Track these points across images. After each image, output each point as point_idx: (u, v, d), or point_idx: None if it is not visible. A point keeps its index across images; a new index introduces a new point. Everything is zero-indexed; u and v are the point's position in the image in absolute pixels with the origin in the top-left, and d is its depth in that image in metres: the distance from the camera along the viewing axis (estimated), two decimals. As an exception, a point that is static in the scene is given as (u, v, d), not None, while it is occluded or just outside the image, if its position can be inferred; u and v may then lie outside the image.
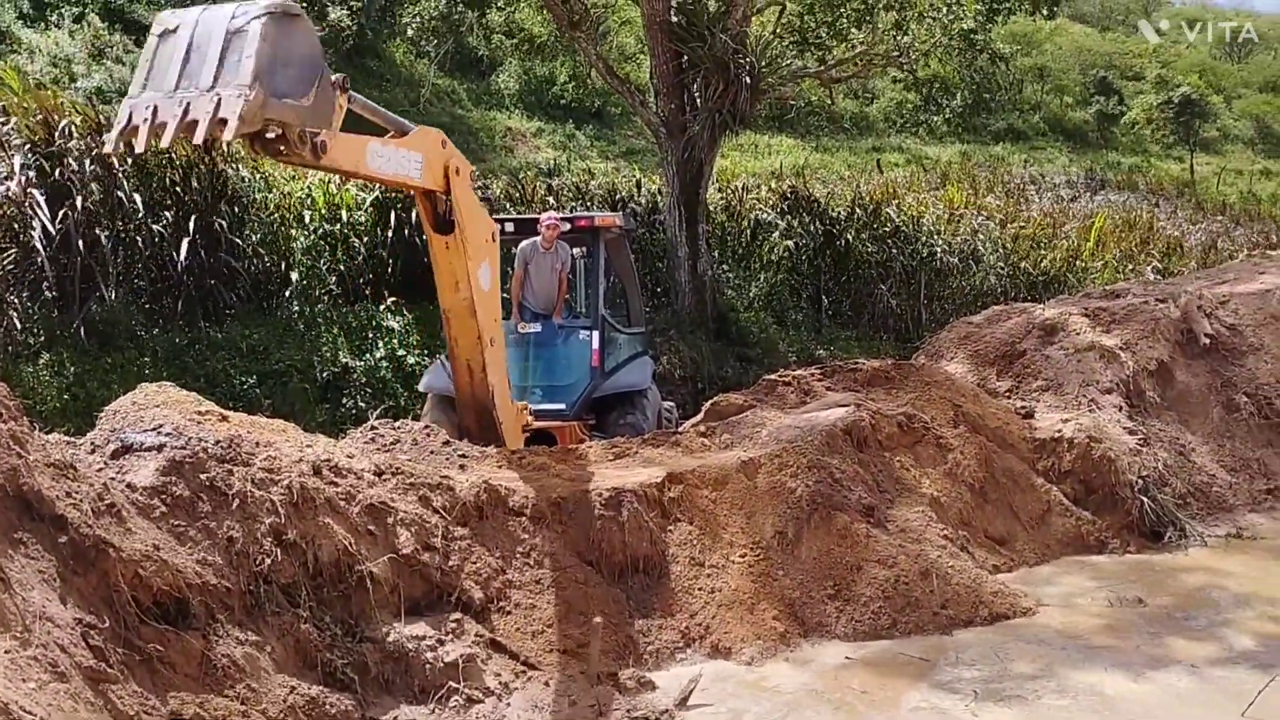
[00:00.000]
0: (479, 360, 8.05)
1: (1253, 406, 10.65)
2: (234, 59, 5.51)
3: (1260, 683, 6.30)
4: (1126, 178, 38.51)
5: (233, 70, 5.49)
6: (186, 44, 5.57)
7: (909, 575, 7.54)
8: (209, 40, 5.55)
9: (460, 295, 7.60)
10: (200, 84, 5.53)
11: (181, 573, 5.40)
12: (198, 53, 5.56)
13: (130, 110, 5.62)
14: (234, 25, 5.54)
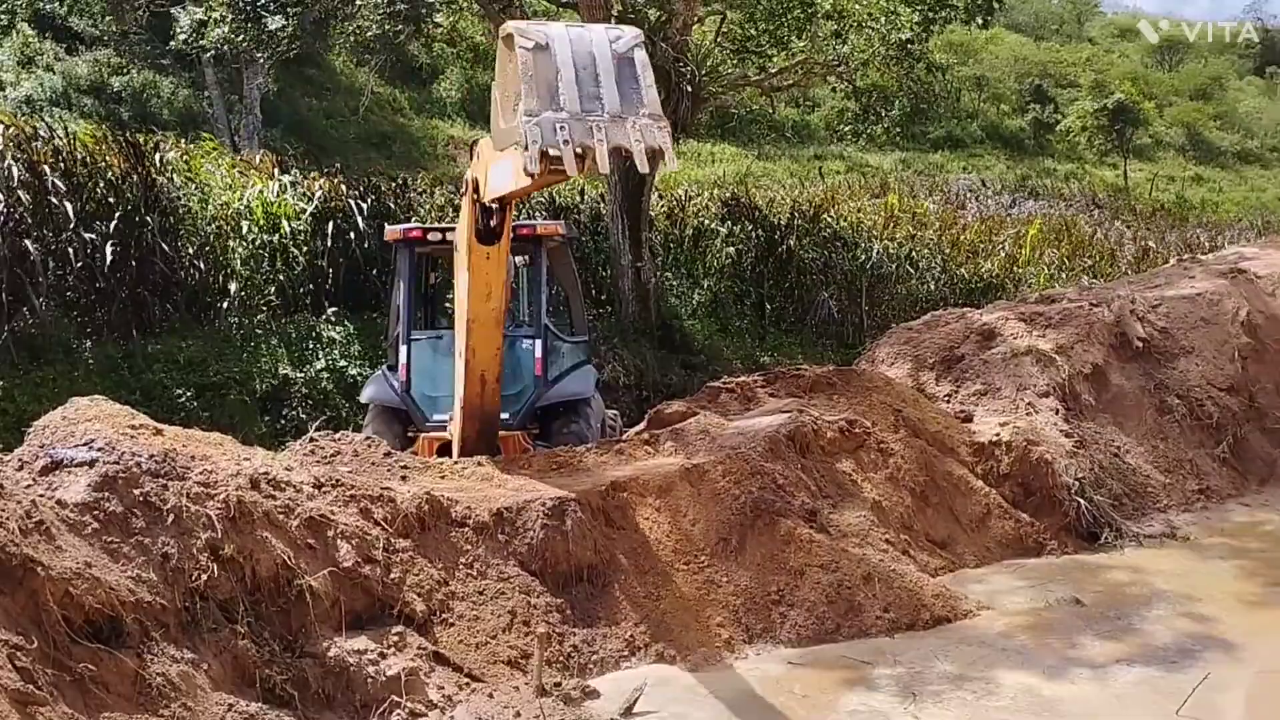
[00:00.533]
0: (495, 371, 8.02)
1: (1184, 408, 10.87)
2: (630, 86, 5.54)
3: (1194, 681, 6.43)
4: (1062, 184, 39.21)
5: (635, 98, 5.54)
6: (572, 64, 5.51)
7: (852, 579, 7.59)
8: (596, 63, 5.53)
9: (491, 305, 7.53)
10: (607, 108, 5.50)
11: (114, 590, 5.29)
12: (588, 74, 5.52)
13: (539, 130, 5.45)
14: (619, 50, 5.57)
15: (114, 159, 13.57)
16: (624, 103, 5.51)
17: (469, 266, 7.25)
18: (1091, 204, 32.04)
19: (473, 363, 7.84)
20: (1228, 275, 12.58)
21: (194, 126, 25.31)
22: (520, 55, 5.48)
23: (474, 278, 7.25)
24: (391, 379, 10.11)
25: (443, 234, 10.39)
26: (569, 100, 5.45)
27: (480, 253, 7.06)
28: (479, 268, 7.20)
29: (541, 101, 5.43)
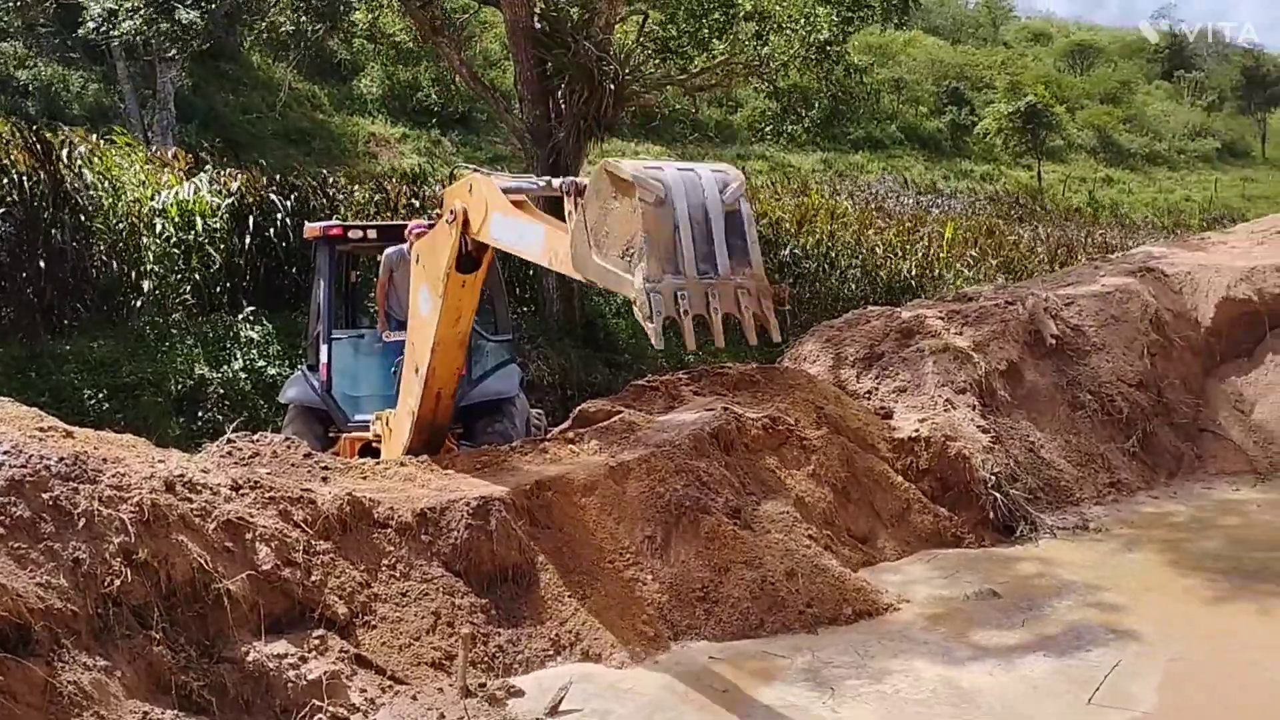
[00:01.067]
0: (451, 389, 8.04)
1: (1096, 404, 11.16)
2: (737, 242, 5.57)
3: (1106, 669, 6.60)
4: (979, 185, 39.98)
5: (743, 257, 5.61)
6: (688, 220, 5.49)
7: (775, 575, 7.66)
8: (709, 217, 5.52)
9: (459, 329, 7.49)
10: (720, 269, 5.51)
11: (22, 597, 5.14)
12: (701, 231, 5.52)
13: (663, 299, 5.40)
14: (728, 200, 5.58)
15: (19, 155, 13.17)
16: (734, 261, 5.56)
17: (443, 293, 7.18)
18: (1009, 205, 32.72)
19: (432, 381, 7.80)
20: (1137, 274, 12.92)
21: (105, 122, 24.64)
22: (641, 209, 5.41)
23: (447, 303, 7.20)
24: (312, 379, 9.97)
25: (364, 232, 10.28)
26: (688, 263, 5.47)
27: (457, 280, 7.02)
28: (453, 294, 7.15)
29: (662, 264, 5.43)
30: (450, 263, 6.96)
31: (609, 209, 5.60)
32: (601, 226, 5.66)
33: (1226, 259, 13.45)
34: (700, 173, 5.65)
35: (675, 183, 5.48)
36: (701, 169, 5.70)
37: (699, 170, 5.67)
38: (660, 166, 5.65)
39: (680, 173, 5.58)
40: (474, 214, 6.78)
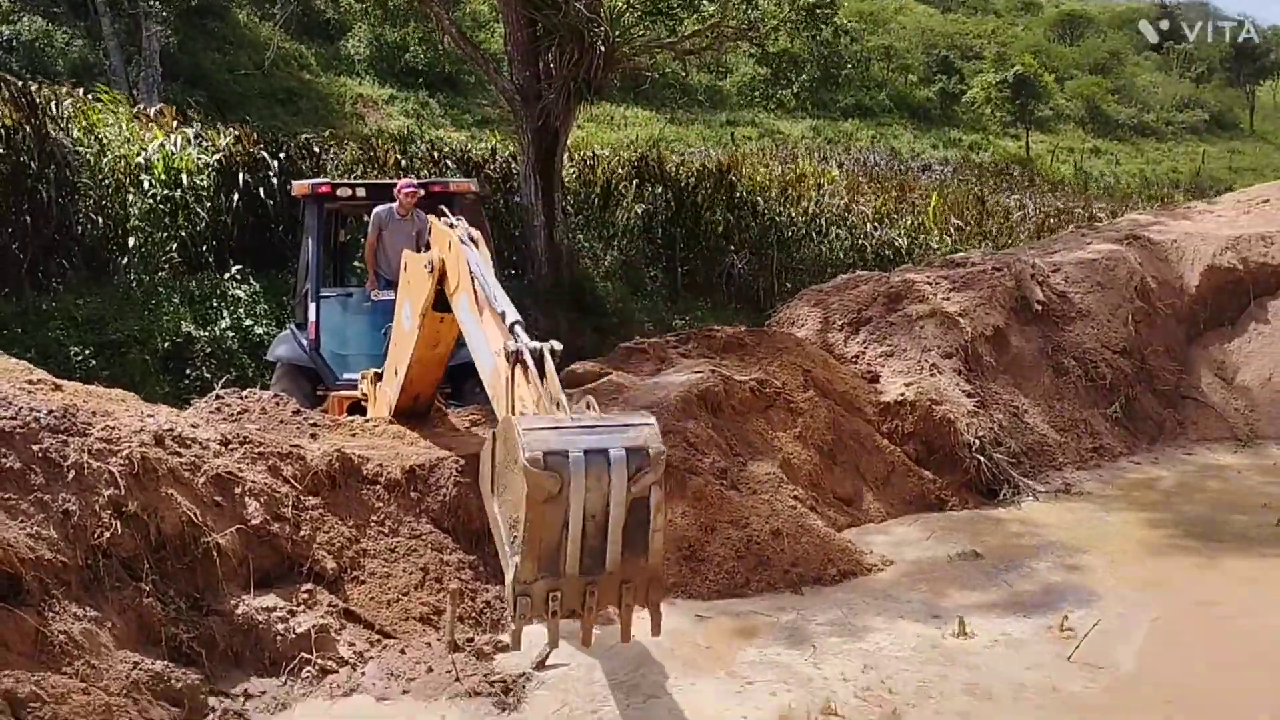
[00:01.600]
0: (429, 393, 8.02)
1: (1080, 370, 11.24)
2: (637, 532, 4.73)
3: (1086, 628, 6.69)
4: (967, 154, 39.97)
5: (638, 546, 4.75)
6: (583, 518, 4.64)
7: (761, 535, 7.73)
8: (608, 509, 4.66)
9: (437, 351, 7.42)
10: (608, 563, 4.72)
11: (13, 548, 5.17)
12: (596, 525, 4.68)
13: (530, 602, 4.73)
14: (637, 490, 4.66)
15: (5, 110, 13.04)
16: (626, 554, 4.75)
17: (421, 326, 7.15)
18: (996, 174, 32.74)
19: (409, 388, 7.79)
20: (1124, 241, 12.99)
21: (90, 79, 24.38)
22: (529, 501, 4.63)
23: (424, 334, 7.18)
24: (300, 337, 9.97)
25: (352, 190, 10.24)
26: (570, 562, 4.72)
27: (435, 317, 7.00)
28: (431, 327, 7.13)
29: (539, 565, 4.73)
30: (427, 305, 6.95)
31: (508, 467, 4.84)
32: (502, 475, 4.93)
33: (1213, 227, 13.53)
34: (613, 451, 4.65)
35: (577, 472, 4.58)
36: (615, 441, 4.69)
37: (612, 446, 4.67)
38: (570, 429, 4.70)
39: (588, 454, 4.61)
40: (449, 276, 6.70)
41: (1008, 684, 6.05)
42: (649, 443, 4.76)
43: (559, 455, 4.60)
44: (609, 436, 4.71)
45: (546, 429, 4.68)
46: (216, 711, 5.58)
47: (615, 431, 4.75)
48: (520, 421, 4.74)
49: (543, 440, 4.61)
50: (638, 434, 4.76)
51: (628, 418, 4.96)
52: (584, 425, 4.73)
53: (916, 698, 5.90)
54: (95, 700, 5.06)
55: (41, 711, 4.83)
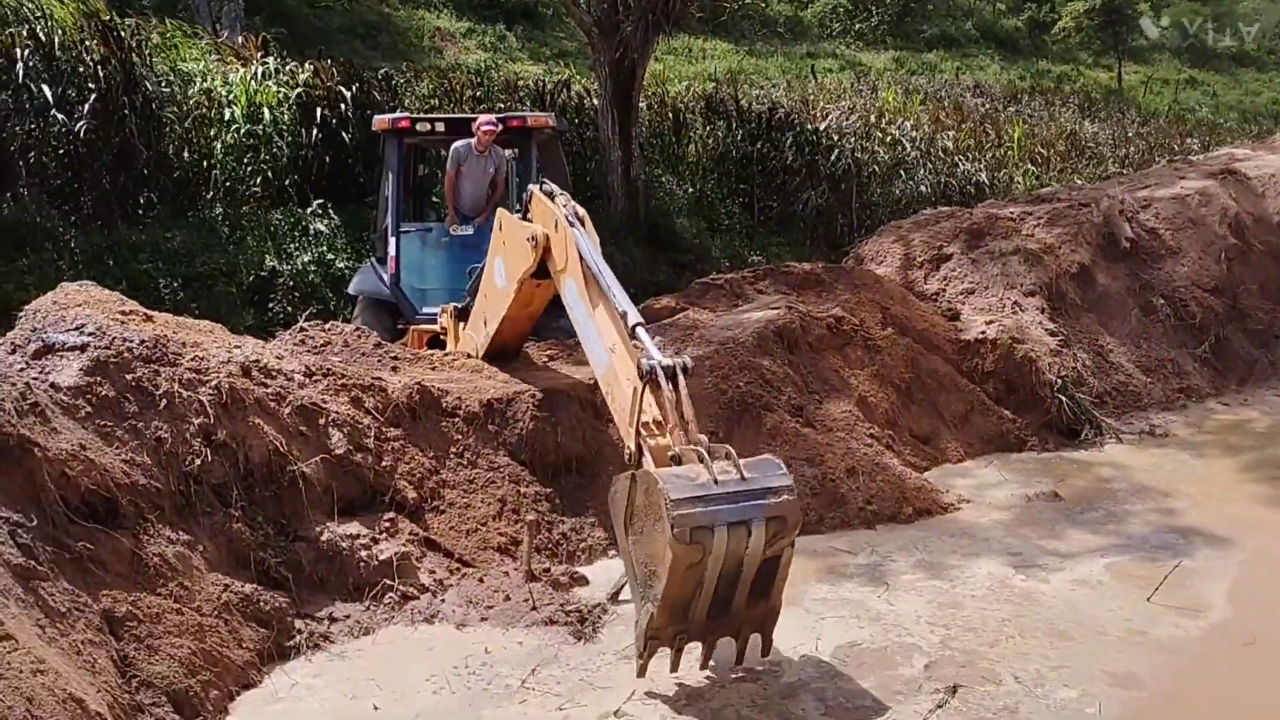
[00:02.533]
0: (518, 344, 8.16)
1: (1169, 309, 10.96)
2: (763, 583, 5.04)
3: (1165, 570, 6.59)
4: (1056, 86, 38.78)
5: (761, 594, 5.07)
6: (717, 578, 4.92)
7: (836, 473, 7.72)
8: (741, 570, 4.94)
9: (530, 310, 7.52)
10: (732, 609, 5.06)
11: (109, 472, 5.36)
12: (728, 582, 4.96)
13: (658, 645, 5.05)
14: (771, 551, 4.93)
15: (93, 43, 13.27)
16: (750, 601, 5.07)
17: (517, 291, 7.21)
18: (1086, 106, 31.74)
19: (498, 339, 7.89)
20: (1218, 176, 12.56)
21: (173, 13, 24.69)
22: (670, 561, 4.81)
23: (520, 296, 7.23)
24: (380, 271, 10.09)
25: (431, 124, 10.27)
26: (700, 612, 5.01)
27: (532, 283, 7.04)
28: (527, 292, 7.17)
29: (673, 616, 4.98)
30: (527, 274, 6.96)
31: (648, 520, 4.99)
32: (641, 521, 5.06)
33: (1314, 162, 13.02)
34: (754, 524, 4.85)
35: (719, 544, 4.80)
36: (758, 512, 4.87)
37: (755, 518, 4.86)
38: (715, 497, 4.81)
39: (731, 528, 4.81)
40: (556, 256, 6.68)
41: (1090, 626, 5.98)
42: (788, 513, 4.98)
43: (705, 529, 4.81)
44: (752, 506, 4.91)
45: (692, 498, 4.82)
46: (303, 634, 5.78)
47: (757, 499, 4.92)
48: (666, 485, 4.84)
49: (690, 517, 4.78)
50: (779, 503, 4.96)
51: (767, 477, 5.02)
52: (728, 492, 4.88)
53: (995, 636, 5.88)
54: (188, 620, 5.26)
55: (138, 630, 5.04)
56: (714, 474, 4.91)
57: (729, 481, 4.91)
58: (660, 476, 4.92)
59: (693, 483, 4.89)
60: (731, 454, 5.05)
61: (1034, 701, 5.22)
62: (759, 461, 5.13)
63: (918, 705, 5.20)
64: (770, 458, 5.25)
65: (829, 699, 5.28)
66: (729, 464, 4.99)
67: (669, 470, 5.02)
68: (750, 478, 4.96)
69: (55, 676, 4.17)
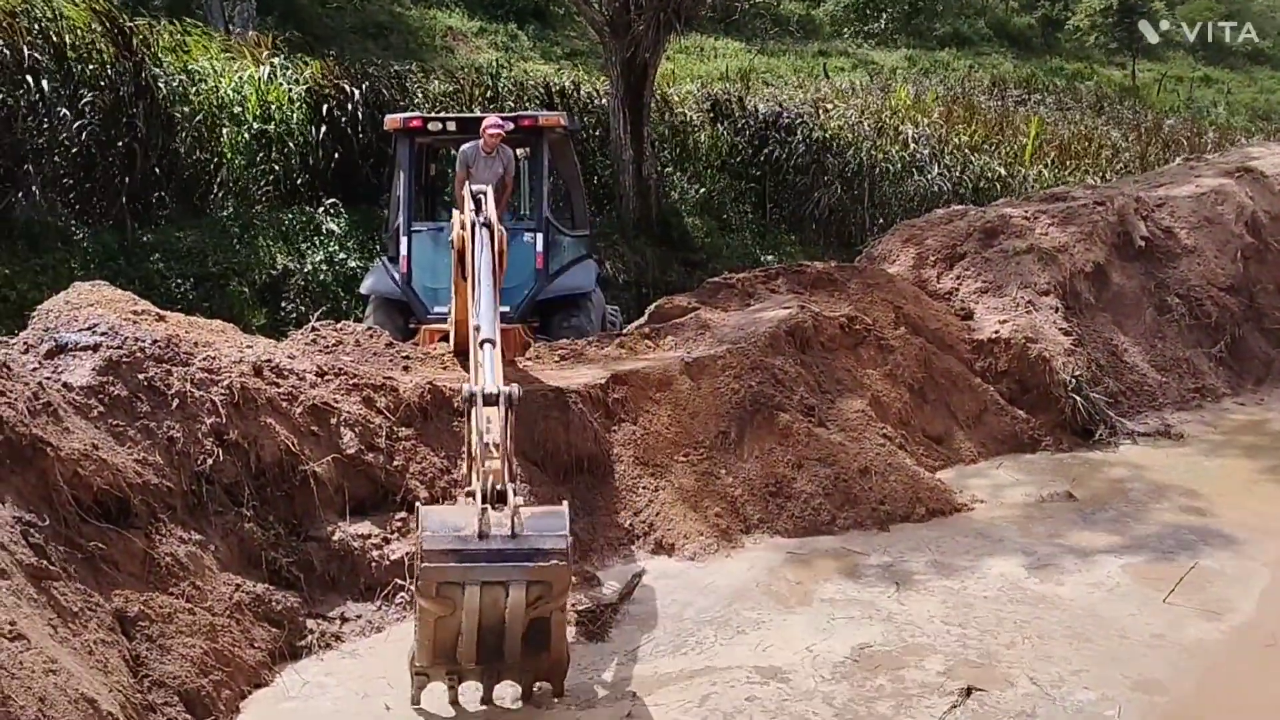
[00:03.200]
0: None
1: (1184, 308, 10.89)
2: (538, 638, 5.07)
3: (1181, 570, 6.54)
4: (1070, 84, 38.59)
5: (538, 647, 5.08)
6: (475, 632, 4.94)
7: (848, 473, 7.69)
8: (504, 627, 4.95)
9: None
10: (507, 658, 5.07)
11: (121, 472, 5.36)
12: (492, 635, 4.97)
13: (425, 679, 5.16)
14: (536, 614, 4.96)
15: (103, 43, 13.28)
16: (526, 650, 5.05)
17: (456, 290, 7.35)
18: (1100, 104, 31.59)
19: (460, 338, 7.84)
20: (1234, 174, 12.47)
21: (185, 12, 24.76)
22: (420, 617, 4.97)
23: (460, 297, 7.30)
24: (392, 270, 10.08)
25: (443, 124, 10.25)
26: (466, 657, 5.01)
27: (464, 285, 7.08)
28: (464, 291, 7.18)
29: (437, 655, 5.03)
30: (456, 274, 7.12)
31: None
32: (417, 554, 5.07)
33: (1330, 160, 12.92)
34: (513, 587, 4.80)
35: (470, 603, 4.78)
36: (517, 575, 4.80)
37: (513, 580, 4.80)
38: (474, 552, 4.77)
39: (484, 586, 4.77)
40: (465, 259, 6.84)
41: (1107, 628, 5.94)
42: (553, 579, 4.84)
43: (454, 585, 4.75)
44: (512, 568, 4.78)
45: (448, 550, 4.75)
46: (315, 633, 5.79)
47: (522, 560, 4.79)
48: (425, 534, 4.80)
49: (440, 571, 4.73)
50: (545, 568, 4.80)
51: (542, 537, 4.87)
52: (490, 550, 4.76)
53: (1011, 638, 5.83)
54: (200, 620, 5.27)
55: (150, 629, 5.05)
56: (484, 526, 4.81)
57: (496, 538, 4.81)
58: (425, 523, 4.86)
59: (456, 534, 4.81)
60: (516, 506, 4.92)
61: (1052, 705, 5.18)
62: (543, 516, 5.03)
63: (932, 707, 5.16)
64: (556, 511, 5.11)
65: (840, 702, 5.25)
66: (506, 517, 4.86)
67: (440, 515, 5.00)
68: (523, 535, 4.84)
69: (67, 676, 4.17)
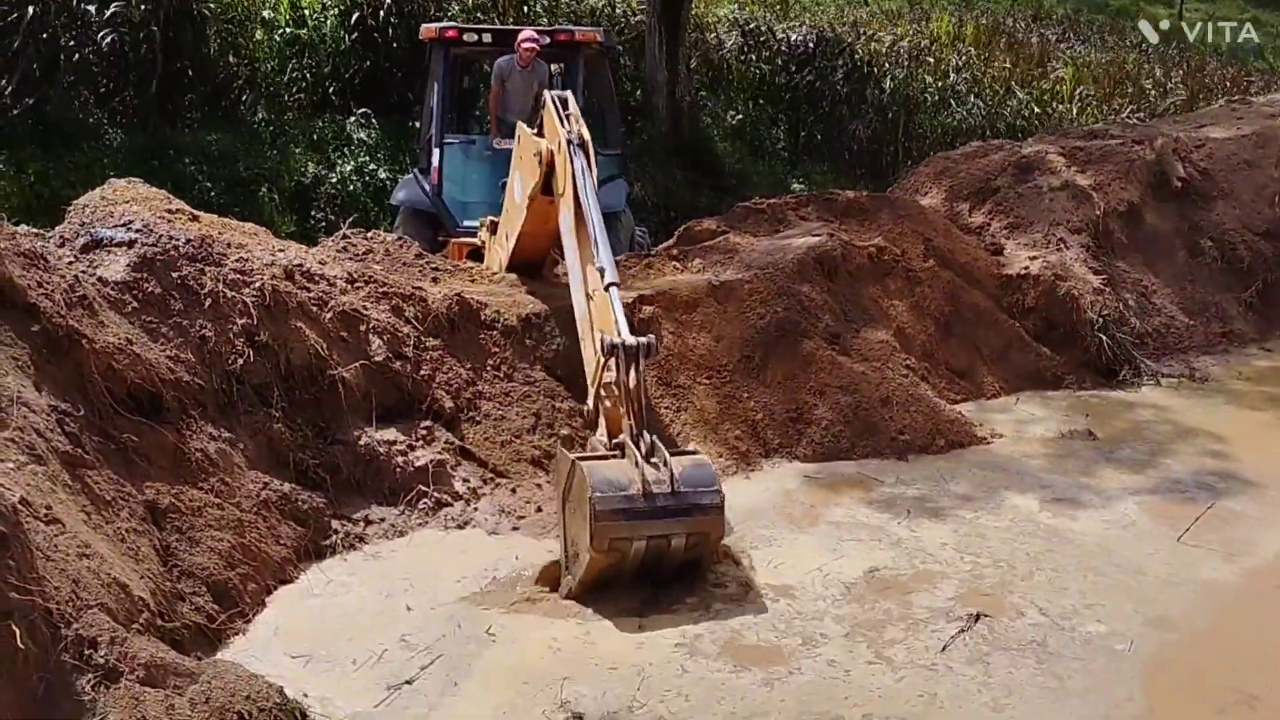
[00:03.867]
0: (540, 260, 8.13)
1: (1216, 251, 10.76)
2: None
3: (1196, 512, 6.58)
4: (1112, 20, 37.74)
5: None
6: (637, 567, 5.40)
7: (869, 401, 7.71)
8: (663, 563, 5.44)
9: (547, 228, 7.44)
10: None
11: (154, 368, 5.45)
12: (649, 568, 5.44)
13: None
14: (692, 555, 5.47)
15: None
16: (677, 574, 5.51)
17: (529, 207, 7.24)
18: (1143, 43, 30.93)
19: (518, 253, 7.91)
20: (1277, 117, 12.24)
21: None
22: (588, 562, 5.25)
23: (534, 213, 7.24)
24: (423, 182, 10.08)
25: (479, 35, 10.17)
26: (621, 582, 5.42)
27: (543, 201, 7.03)
28: (539, 210, 7.15)
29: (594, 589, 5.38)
30: (536, 190, 6.96)
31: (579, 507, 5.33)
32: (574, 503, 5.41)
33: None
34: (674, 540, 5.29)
35: (637, 550, 5.24)
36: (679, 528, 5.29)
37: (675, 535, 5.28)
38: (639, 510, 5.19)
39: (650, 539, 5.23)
40: (558, 178, 6.73)
41: (1122, 564, 5.98)
42: (710, 529, 5.38)
43: (624, 540, 5.18)
44: (675, 522, 5.27)
45: (617, 509, 5.16)
46: (339, 534, 5.91)
47: (682, 515, 5.28)
48: (594, 494, 5.15)
49: (611, 528, 5.13)
50: (703, 520, 5.33)
51: (698, 493, 5.33)
52: (655, 507, 5.21)
53: (1026, 569, 5.89)
54: (228, 515, 5.39)
55: (179, 522, 5.17)
56: (647, 483, 5.22)
57: (658, 495, 5.19)
58: (592, 482, 5.18)
59: (621, 493, 5.20)
60: (667, 460, 5.32)
61: (1061, 634, 5.25)
62: (692, 468, 5.40)
63: (939, 631, 5.25)
64: (702, 463, 5.55)
65: (850, 621, 5.34)
66: (663, 472, 5.27)
67: (602, 472, 5.28)
68: (681, 492, 5.27)
69: (100, 561, 4.29)
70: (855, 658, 5.05)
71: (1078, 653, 5.11)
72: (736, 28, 19.28)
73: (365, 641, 5.01)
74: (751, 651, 5.08)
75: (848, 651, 5.09)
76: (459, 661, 4.90)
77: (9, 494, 3.84)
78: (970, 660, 5.03)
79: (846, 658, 5.04)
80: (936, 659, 5.04)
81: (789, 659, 5.02)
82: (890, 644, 5.15)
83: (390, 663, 4.87)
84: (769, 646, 5.12)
